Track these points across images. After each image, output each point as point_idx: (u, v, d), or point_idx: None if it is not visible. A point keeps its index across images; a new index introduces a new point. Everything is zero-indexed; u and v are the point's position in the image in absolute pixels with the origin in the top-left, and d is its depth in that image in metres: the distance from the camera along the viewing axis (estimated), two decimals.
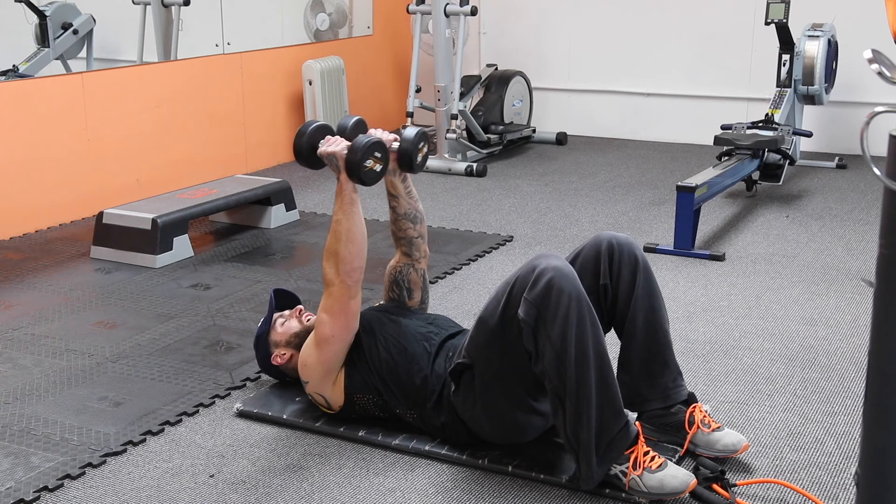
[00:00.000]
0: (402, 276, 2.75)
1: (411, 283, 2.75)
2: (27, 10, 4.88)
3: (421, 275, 2.76)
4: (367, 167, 2.50)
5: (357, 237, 2.48)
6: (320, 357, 2.52)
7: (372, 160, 2.51)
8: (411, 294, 2.75)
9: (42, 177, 4.58)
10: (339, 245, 2.46)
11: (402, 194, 2.73)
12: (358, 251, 2.48)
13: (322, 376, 2.54)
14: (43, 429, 2.64)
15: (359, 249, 2.48)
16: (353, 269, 2.46)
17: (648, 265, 2.46)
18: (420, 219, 2.76)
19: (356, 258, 2.47)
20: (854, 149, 5.79)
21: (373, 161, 2.51)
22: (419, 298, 2.76)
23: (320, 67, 5.89)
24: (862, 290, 3.65)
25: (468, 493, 2.30)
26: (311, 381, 2.57)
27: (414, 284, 2.75)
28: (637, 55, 6.50)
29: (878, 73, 1.59)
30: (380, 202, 5.07)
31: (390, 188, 2.73)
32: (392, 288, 2.76)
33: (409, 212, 2.74)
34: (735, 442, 2.38)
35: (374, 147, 2.51)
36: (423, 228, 2.76)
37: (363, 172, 2.50)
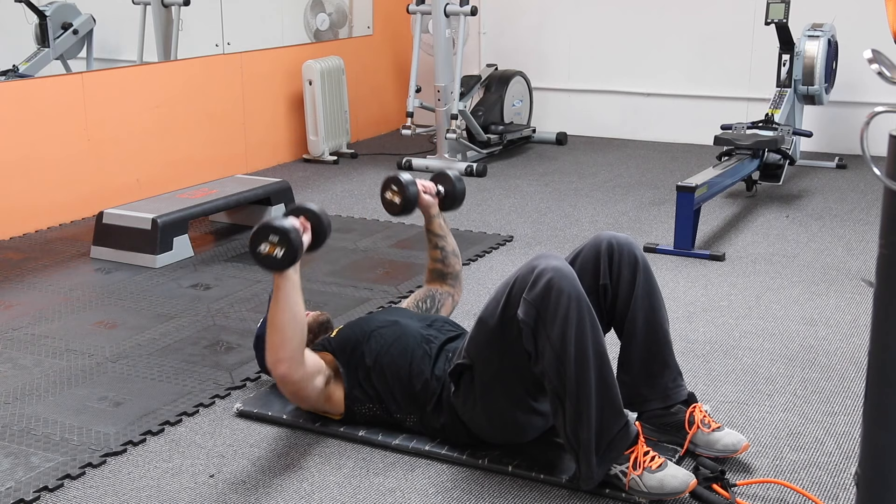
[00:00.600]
0: (439, 299, 2.91)
1: (444, 307, 2.91)
2: (27, 10, 4.88)
3: (453, 305, 2.95)
4: (262, 252, 2.30)
5: (280, 325, 2.34)
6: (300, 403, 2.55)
7: (267, 244, 2.29)
8: (438, 313, 2.88)
9: (42, 177, 4.58)
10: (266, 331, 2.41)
11: (448, 233, 2.96)
12: (281, 341, 2.36)
13: (311, 406, 2.56)
14: (43, 429, 2.64)
15: (282, 339, 2.35)
16: (278, 360, 2.38)
17: (648, 265, 2.46)
18: (459, 253, 2.99)
19: (280, 348, 2.36)
20: (854, 149, 5.79)
21: (269, 246, 2.29)
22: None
23: (320, 67, 5.89)
24: (862, 290, 3.65)
25: (468, 493, 2.30)
26: (302, 405, 2.60)
27: (445, 310, 2.91)
28: (637, 55, 6.50)
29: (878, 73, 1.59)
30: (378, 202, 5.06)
31: (438, 230, 2.92)
32: (425, 300, 2.89)
33: (455, 248, 2.96)
34: (735, 442, 2.38)
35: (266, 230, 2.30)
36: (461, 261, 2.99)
37: (259, 258, 2.31)
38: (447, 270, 2.94)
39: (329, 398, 2.54)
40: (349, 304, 3.52)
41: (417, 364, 2.47)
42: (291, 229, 2.31)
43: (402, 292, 3.66)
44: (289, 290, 2.33)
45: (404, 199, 2.80)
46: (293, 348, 2.37)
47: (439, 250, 2.93)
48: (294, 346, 2.37)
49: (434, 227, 2.93)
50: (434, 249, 2.94)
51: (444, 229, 2.94)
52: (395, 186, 2.80)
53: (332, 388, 2.54)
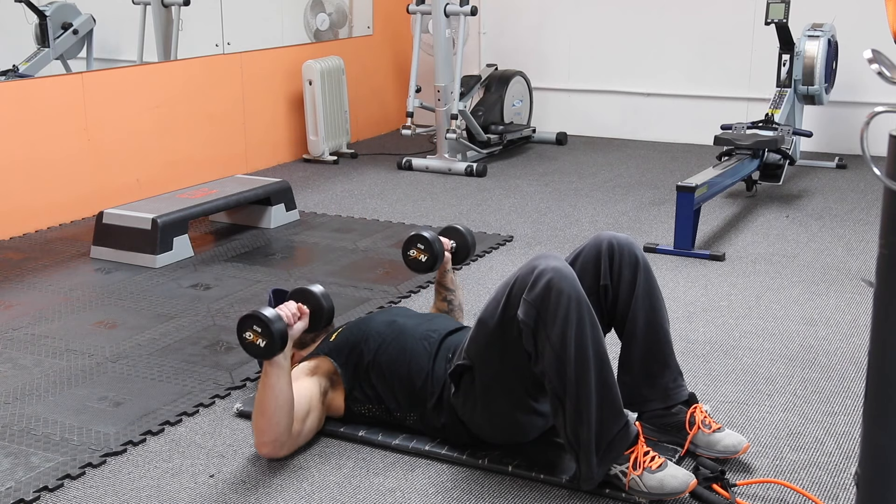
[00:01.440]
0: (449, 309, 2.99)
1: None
2: (27, 10, 4.88)
3: None
4: (247, 340, 2.32)
5: (266, 410, 2.34)
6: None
7: (251, 333, 2.31)
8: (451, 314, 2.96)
9: (42, 177, 4.58)
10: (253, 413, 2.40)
11: (458, 287, 2.98)
12: (268, 425, 2.36)
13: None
14: (43, 429, 2.64)
15: (268, 423, 2.35)
16: (263, 443, 2.39)
17: (649, 265, 2.46)
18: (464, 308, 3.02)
19: (266, 431, 2.37)
20: (854, 149, 5.80)
21: (252, 335, 2.31)
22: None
23: (320, 67, 5.89)
24: (862, 290, 3.65)
25: (468, 493, 2.30)
26: None
27: None
28: (637, 55, 6.50)
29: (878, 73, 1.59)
30: (379, 202, 5.10)
31: (449, 284, 2.94)
32: None
33: (461, 303, 2.98)
34: (736, 443, 2.38)
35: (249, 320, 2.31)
36: None
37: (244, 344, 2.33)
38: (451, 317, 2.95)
39: (329, 406, 2.55)
40: (349, 304, 3.52)
41: (417, 361, 2.47)
42: (275, 320, 2.30)
43: (401, 292, 3.66)
44: (276, 376, 2.32)
45: (431, 257, 2.81)
46: (279, 433, 2.37)
47: (447, 303, 2.95)
48: (280, 430, 2.36)
49: (446, 281, 2.94)
50: (442, 302, 2.96)
51: (456, 283, 2.97)
52: (422, 245, 2.80)
53: (332, 396, 2.54)
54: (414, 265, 2.85)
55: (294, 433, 2.41)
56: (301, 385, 2.46)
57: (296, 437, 2.43)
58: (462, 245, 2.97)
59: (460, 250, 2.97)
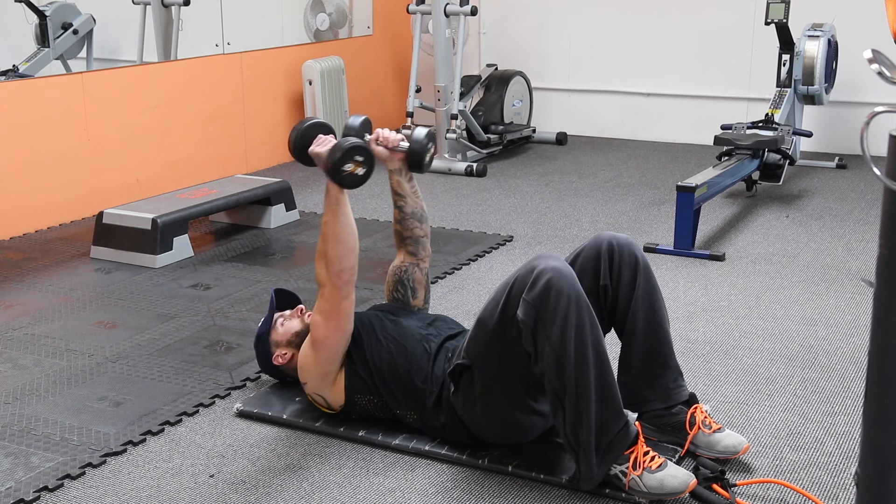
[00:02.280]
0: (406, 276, 2.76)
1: (416, 282, 2.76)
2: (27, 10, 4.88)
3: (425, 274, 2.79)
4: (346, 171, 2.44)
5: (344, 238, 2.46)
6: (317, 359, 2.52)
7: (352, 164, 2.44)
8: (415, 293, 2.76)
9: (42, 177, 4.58)
10: (327, 246, 2.46)
11: (408, 193, 2.74)
12: (346, 252, 2.46)
13: (320, 377, 2.54)
14: (43, 429, 2.64)
15: (347, 250, 2.45)
16: (343, 269, 2.45)
17: (649, 265, 2.46)
18: (426, 217, 2.79)
19: (345, 259, 2.45)
20: (854, 149, 5.79)
21: (353, 165, 2.44)
22: (423, 297, 2.78)
23: (320, 67, 5.89)
24: (862, 290, 3.65)
25: (468, 493, 2.30)
26: (309, 382, 2.57)
27: (418, 284, 2.77)
28: (637, 55, 6.50)
29: (878, 73, 1.59)
30: (379, 202, 5.09)
31: (397, 187, 2.74)
32: (396, 288, 2.77)
33: (416, 210, 2.76)
34: (736, 444, 2.38)
35: (353, 151, 2.43)
36: (427, 227, 2.79)
37: (342, 176, 2.45)
38: (405, 234, 2.76)
39: (335, 381, 2.53)
40: None
41: (417, 362, 2.47)
42: (371, 150, 2.51)
43: None
44: (347, 205, 2.48)
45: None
46: (356, 257, 2.47)
47: (398, 210, 2.76)
48: (356, 255, 2.48)
49: (392, 183, 2.73)
50: (394, 209, 2.77)
51: (404, 188, 2.72)
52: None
53: (339, 376, 2.53)
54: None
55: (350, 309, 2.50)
56: None
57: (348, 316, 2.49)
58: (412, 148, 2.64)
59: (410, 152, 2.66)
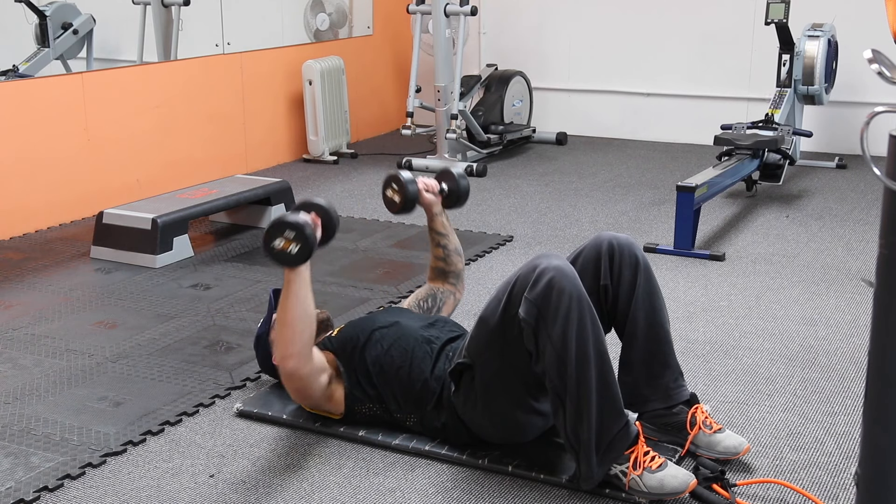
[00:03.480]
0: (441, 296, 2.91)
1: (445, 305, 2.90)
2: (27, 10, 4.88)
3: (455, 304, 2.94)
4: (277, 248, 2.29)
5: (291, 320, 2.34)
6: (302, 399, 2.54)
7: (282, 240, 2.29)
8: (439, 312, 2.87)
9: (42, 177, 4.58)
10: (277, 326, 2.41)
11: (451, 231, 2.93)
12: (292, 336, 2.35)
13: (312, 404, 2.56)
14: (43, 429, 2.64)
15: (292, 334, 2.35)
16: (288, 355, 2.38)
17: (649, 265, 2.46)
18: (461, 252, 2.96)
19: (290, 343, 2.36)
20: (854, 149, 5.79)
21: (283, 241, 2.29)
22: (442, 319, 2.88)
23: (320, 67, 5.89)
24: (862, 290, 3.65)
25: (468, 493, 2.30)
26: (304, 405, 2.60)
27: (447, 309, 2.90)
28: (637, 55, 6.50)
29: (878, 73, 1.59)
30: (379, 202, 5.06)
31: (441, 228, 2.90)
32: (427, 299, 2.88)
33: (458, 246, 2.94)
34: (736, 445, 2.38)
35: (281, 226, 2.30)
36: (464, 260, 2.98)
37: (273, 253, 2.31)
38: (449, 269, 2.93)
39: (330, 397, 2.54)
40: (349, 304, 3.52)
41: (418, 364, 2.47)
42: (306, 225, 2.31)
43: (402, 292, 3.66)
44: (300, 285, 2.34)
45: (404, 198, 2.79)
46: (304, 343, 2.37)
47: (441, 248, 2.92)
48: (304, 340, 2.37)
49: (436, 225, 2.91)
50: (437, 248, 2.93)
51: (447, 228, 2.92)
52: (396, 185, 2.79)
53: (334, 388, 2.54)
54: (389, 205, 2.82)
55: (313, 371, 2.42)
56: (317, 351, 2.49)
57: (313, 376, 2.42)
58: (453, 189, 2.90)
59: (451, 194, 2.90)
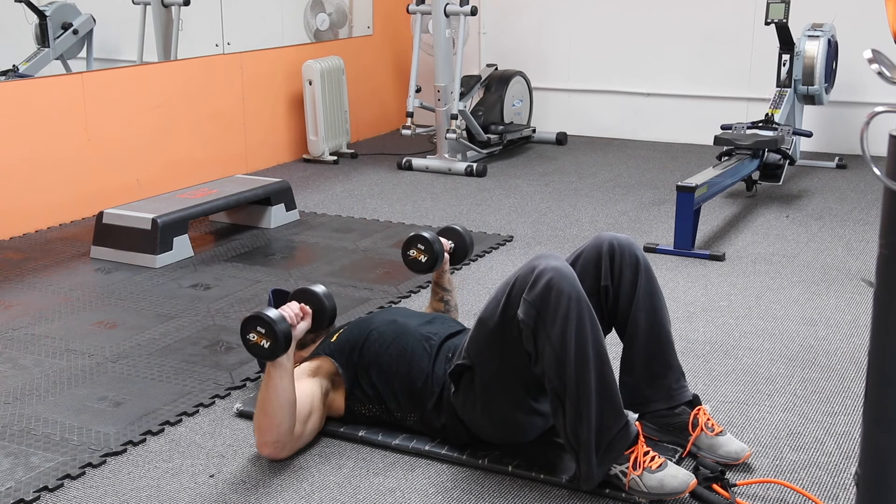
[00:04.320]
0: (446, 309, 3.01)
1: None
2: (27, 10, 4.88)
3: None
4: (251, 341, 2.31)
5: (269, 410, 2.34)
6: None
7: (255, 335, 2.30)
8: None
9: (42, 177, 4.58)
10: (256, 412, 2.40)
11: (454, 288, 3.00)
12: (269, 425, 2.35)
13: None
14: (43, 429, 2.64)
15: (270, 423, 2.35)
16: (265, 442, 2.38)
17: (650, 266, 2.46)
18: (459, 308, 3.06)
19: (268, 431, 2.36)
20: (854, 149, 5.80)
21: (256, 336, 2.30)
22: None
23: (320, 67, 5.89)
24: (862, 290, 3.65)
25: (468, 493, 2.30)
26: None
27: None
28: (637, 55, 6.50)
29: (878, 73, 1.59)
30: (379, 202, 5.10)
31: (446, 284, 2.96)
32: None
33: (457, 304, 3.02)
34: (738, 450, 2.38)
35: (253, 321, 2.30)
36: None
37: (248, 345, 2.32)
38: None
39: (330, 406, 2.54)
40: (349, 304, 3.52)
41: (417, 362, 2.47)
42: (278, 321, 2.29)
43: (401, 292, 3.66)
44: (279, 377, 2.31)
45: (431, 258, 2.82)
46: (281, 433, 2.36)
47: (443, 304, 2.96)
48: (282, 431, 2.36)
49: (444, 281, 2.95)
50: (438, 302, 2.97)
51: (452, 284, 2.99)
52: (422, 245, 2.82)
53: (333, 397, 2.54)
54: (414, 265, 2.86)
55: (296, 434, 2.41)
56: (303, 386, 2.46)
57: (297, 438, 2.43)
58: (460, 246, 2.97)
59: (458, 251, 2.98)
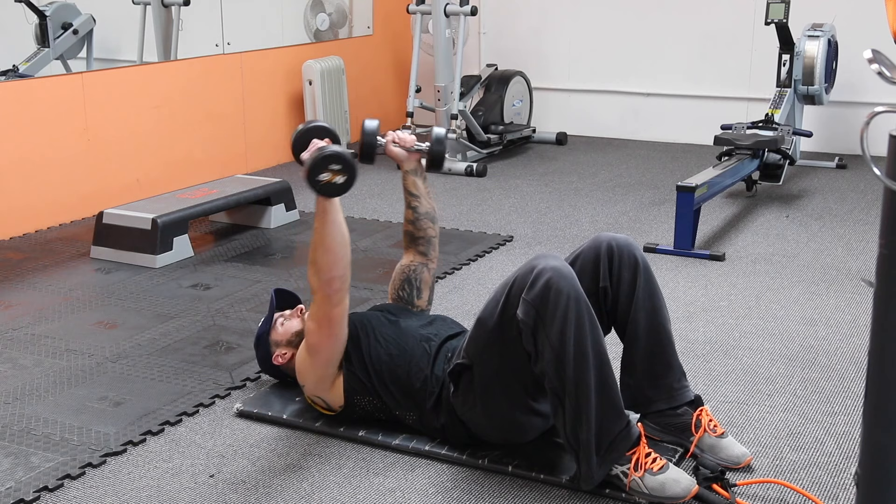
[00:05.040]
0: (415, 276, 2.77)
1: (422, 282, 2.77)
2: (27, 10, 4.88)
3: (432, 275, 2.81)
4: (323, 180, 2.32)
5: (332, 247, 2.38)
6: (313, 363, 2.53)
7: (329, 173, 2.31)
8: (420, 293, 2.77)
9: (42, 177, 4.58)
10: (316, 254, 2.41)
11: (423, 193, 2.77)
12: (334, 260, 2.39)
13: (317, 380, 2.54)
14: (43, 429, 2.64)
15: (335, 259, 2.39)
16: (332, 278, 2.40)
17: (649, 266, 2.46)
18: (437, 218, 2.81)
19: (333, 267, 2.40)
20: (854, 149, 5.79)
21: (330, 174, 2.31)
22: (427, 298, 2.79)
23: (320, 67, 5.89)
24: (862, 290, 3.65)
25: (468, 493, 2.30)
26: (307, 384, 2.58)
27: (425, 284, 2.77)
28: (637, 55, 6.50)
29: (878, 73, 1.59)
30: (379, 202, 5.10)
31: (412, 188, 2.75)
32: (403, 286, 2.77)
33: (429, 211, 2.78)
34: (739, 455, 2.38)
35: (327, 160, 2.31)
36: (438, 228, 2.82)
37: (319, 186, 2.33)
38: (418, 234, 2.77)
39: (334, 382, 2.53)
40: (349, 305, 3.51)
41: (417, 363, 2.47)
42: (351, 156, 2.35)
43: None
44: (337, 212, 2.38)
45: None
46: (345, 265, 2.41)
47: (411, 210, 2.76)
48: (346, 263, 2.41)
49: (408, 184, 2.75)
50: (407, 209, 2.78)
51: (419, 188, 2.75)
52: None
53: (336, 377, 2.53)
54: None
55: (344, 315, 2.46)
56: None
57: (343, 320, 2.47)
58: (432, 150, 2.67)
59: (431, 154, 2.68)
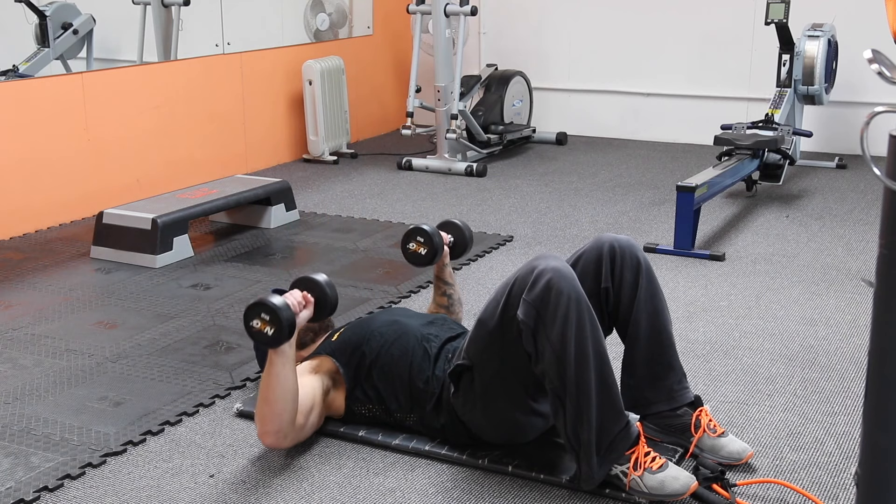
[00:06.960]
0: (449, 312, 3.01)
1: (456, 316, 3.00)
2: (27, 10, 4.88)
3: None
4: (255, 328, 2.29)
5: (272, 399, 2.32)
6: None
7: (259, 321, 2.29)
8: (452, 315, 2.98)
9: (42, 177, 4.58)
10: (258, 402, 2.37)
11: (455, 282, 3.00)
12: (272, 414, 2.33)
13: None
14: (43, 429, 2.64)
15: (273, 413, 2.33)
16: (265, 432, 2.36)
17: (650, 267, 2.46)
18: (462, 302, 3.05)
19: (269, 421, 2.33)
20: (854, 149, 5.80)
21: (260, 323, 2.28)
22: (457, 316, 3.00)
23: (320, 67, 5.89)
24: (862, 290, 3.65)
25: (468, 493, 2.30)
26: None
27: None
28: (637, 55, 6.50)
29: (878, 73, 1.59)
30: (379, 202, 5.10)
31: (448, 278, 2.96)
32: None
33: (460, 297, 3.01)
34: (740, 450, 2.38)
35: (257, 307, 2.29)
36: None
37: (250, 332, 2.31)
38: (450, 316, 2.94)
39: (330, 406, 2.54)
40: (349, 304, 3.52)
41: (418, 363, 2.47)
42: (283, 308, 2.28)
43: (402, 292, 3.66)
44: (281, 365, 2.30)
45: (431, 250, 2.83)
46: (283, 422, 2.34)
47: (446, 297, 2.96)
48: (284, 420, 2.34)
49: (445, 275, 2.95)
50: (441, 296, 2.97)
51: (453, 278, 2.98)
52: (421, 238, 2.84)
53: (333, 396, 2.54)
54: (414, 259, 2.86)
55: (298, 425, 2.40)
56: (304, 381, 2.46)
57: (299, 430, 2.42)
58: (459, 239, 2.98)
59: (458, 244, 2.98)
